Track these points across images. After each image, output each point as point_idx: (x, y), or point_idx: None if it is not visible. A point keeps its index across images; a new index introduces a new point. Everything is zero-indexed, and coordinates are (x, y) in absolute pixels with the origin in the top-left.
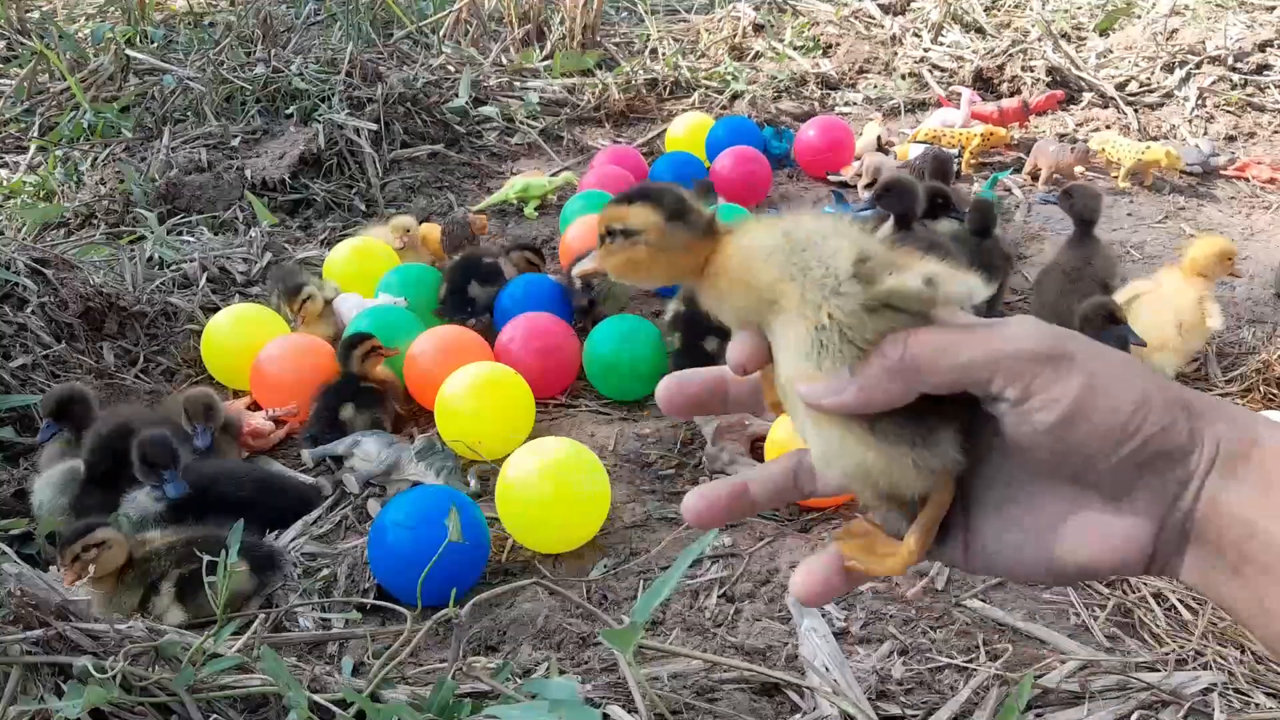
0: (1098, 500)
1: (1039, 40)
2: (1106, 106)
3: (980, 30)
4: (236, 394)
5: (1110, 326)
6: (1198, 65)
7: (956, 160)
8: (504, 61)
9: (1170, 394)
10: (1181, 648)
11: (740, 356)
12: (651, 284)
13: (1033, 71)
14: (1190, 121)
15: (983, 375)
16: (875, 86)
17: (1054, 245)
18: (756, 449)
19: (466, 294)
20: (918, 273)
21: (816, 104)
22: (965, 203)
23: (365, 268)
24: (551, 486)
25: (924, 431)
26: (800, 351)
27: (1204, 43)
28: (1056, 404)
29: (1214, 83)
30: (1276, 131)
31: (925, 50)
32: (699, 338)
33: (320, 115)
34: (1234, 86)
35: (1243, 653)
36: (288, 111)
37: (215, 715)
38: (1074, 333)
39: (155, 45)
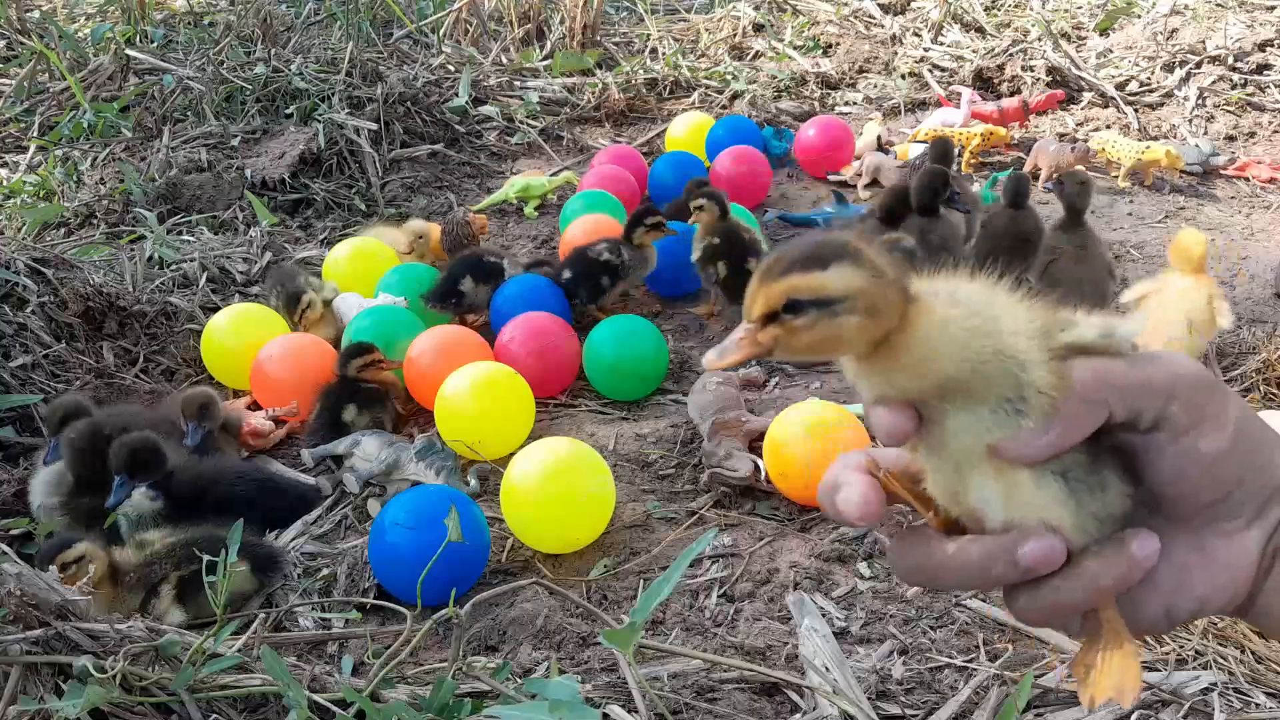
0: (1214, 535)
1: (1039, 40)
2: (1106, 106)
3: (980, 30)
4: (236, 394)
5: None
6: (1198, 65)
7: (956, 160)
8: (504, 61)
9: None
10: (1181, 647)
11: (895, 430)
12: (837, 356)
13: (1033, 71)
14: (1190, 121)
15: (1162, 396)
16: (875, 86)
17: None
18: (755, 447)
19: (458, 286)
20: (1091, 324)
21: (816, 104)
22: (968, 198)
23: (365, 267)
24: (557, 487)
25: (1099, 480)
26: (992, 424)
27: (1204, 42)
28: (1224, 430)
29: (1214, 82)
30: (1276, 131)
31: (925, 50)
32: (743, 260)
33: (320, 115)
34: (1234, 86)
35: (1243, 653)
36: (288, 111)
37: (215, 715)
38: None
39: (155, 45)
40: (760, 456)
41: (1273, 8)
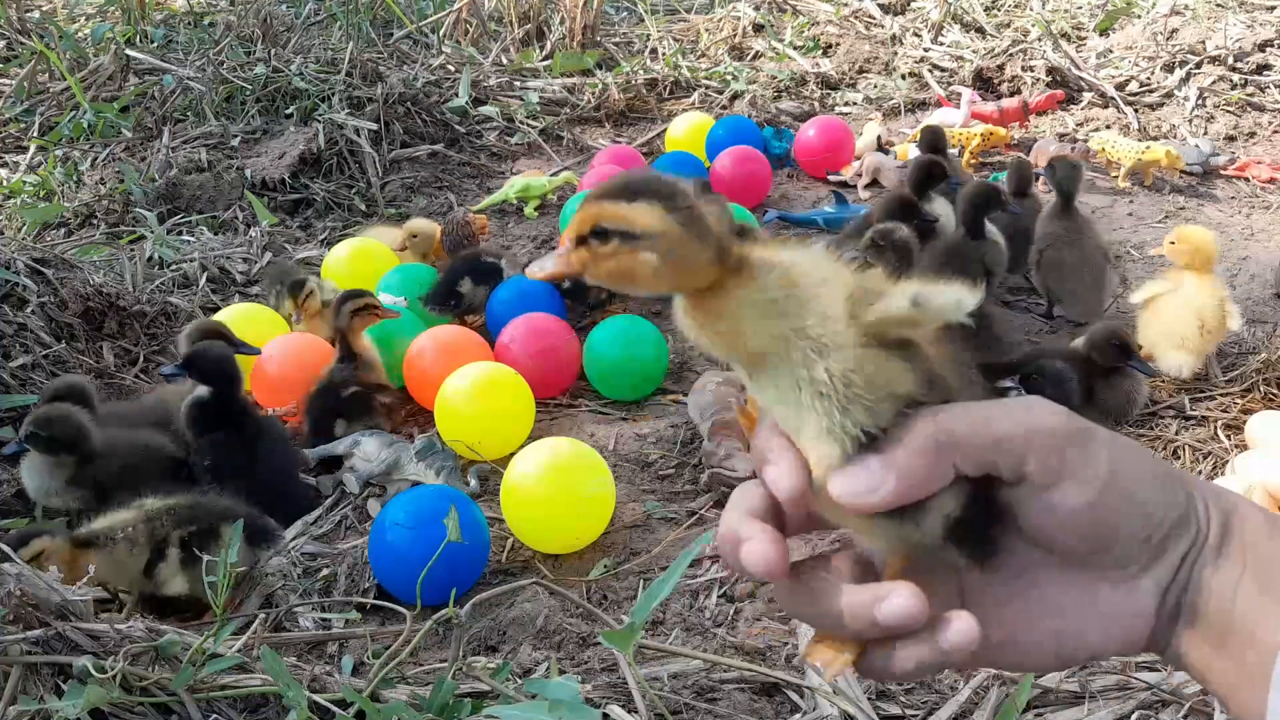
0: (1105, 583)
1: (1039, 40)
2: (1106, 106)
3: (980, 30)
4: None
5: (1122, 358)
6: (1198, 65)
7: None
8: (504, 61)
9: (1171, 470)
10: None
11: (790, 488)
12: (640, 294)
13: (1033, 71)
14: (1190, 121)
15: (1016, 453)
16: (875, 86)
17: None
18: None
19: (456, 288)
20: (900, 293)
21: (816, 104)
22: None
23: (365, 268)
24: (557, 487)
25: (917, 511)
26: (815, 430)
27: (1204, 42)
28: (1088, 484)
29: (1214, 82)
30: (1276, 131)
31: (925, 50)
32: None
33: (320, 115)
34: (1234, 86)
35: None
36: (288, 111)
37: (215, 715)
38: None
39: (155, 45)
40: None
41: (1273, 8)
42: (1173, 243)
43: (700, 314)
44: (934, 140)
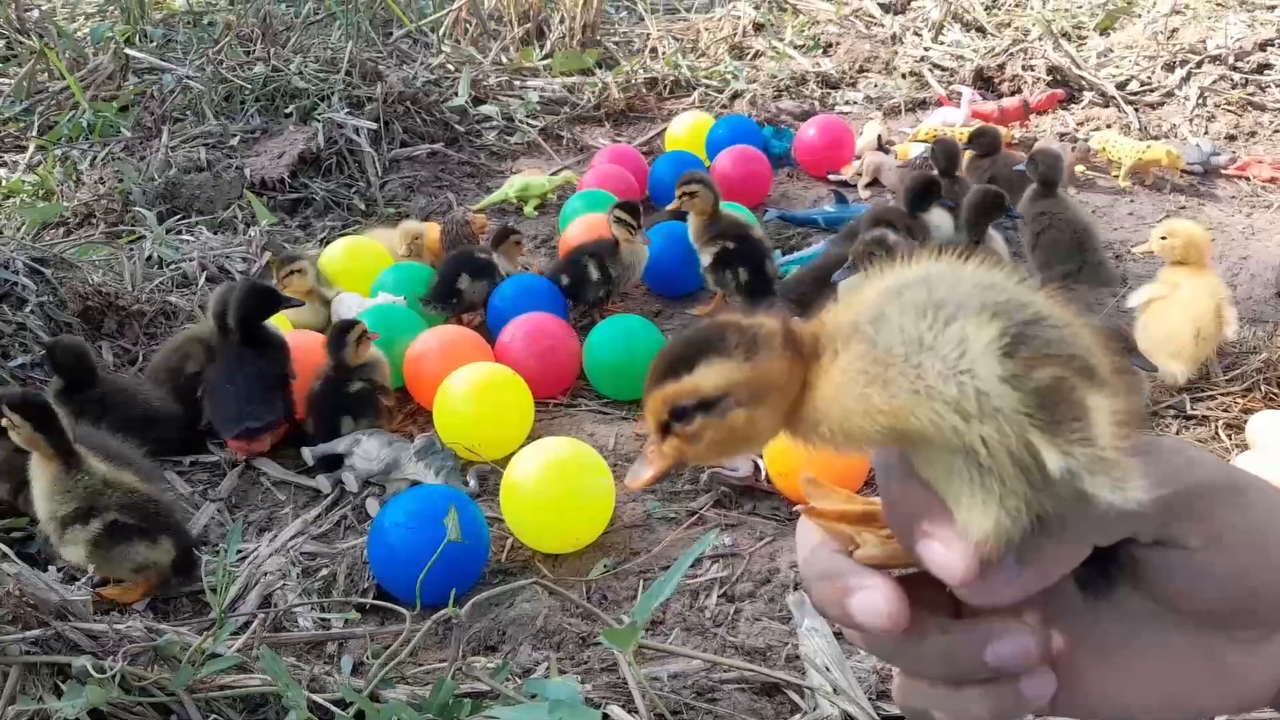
0: (1233, 645)
1: (1039, 39)
2: (1107, 105)
3: (981, 29)
4: None
5: (1123, 355)
6: (1198, 64)
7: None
8: (504, 60)
9: None
10: None
11: (964, 572)
12: (754, 451)
13: (1033, 70)
14: (1191, 120)
15: (1160, 519)
16: (875, 85)
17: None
18: None
19: (455, 285)
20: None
21: (817, 103)
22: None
23: (359, 266)
24: (557, 487)
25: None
26: (956, 483)
27: (1204, 42)
28: (1240, 549)
29: (1215, 82)
30: (1277, 131)
31: (926, 49)
32: (760, 263)
33: (320, 114)
34: (1235, 86)
35: None
36: (287, 111)
37: (214, 715)
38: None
39: (154, 44)
40: (760, 456)
41: (1273, 7)
42: (1163, 238)
43: (800, 425)
44: (948, 161)
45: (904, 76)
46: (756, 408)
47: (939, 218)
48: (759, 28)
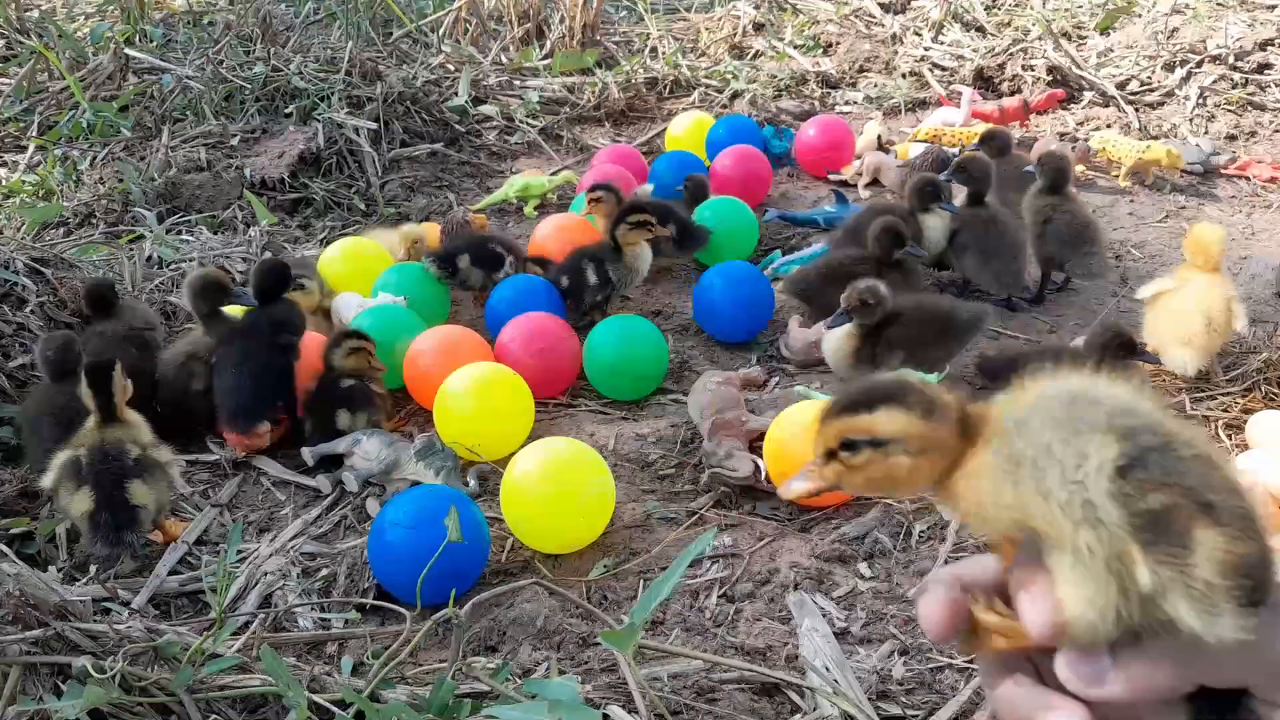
0: None
1: (1039, 39)
2: (1107, 105)
3: (981, 29)
4: None
5: (1125, 355)
6: (1198, 64)
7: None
8: (503, 60)
9: None
10: None
11: (1044, 628)
12: (899, 496)
13: (1033, 70)
14: (1191, 120)
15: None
16: (876, 85)
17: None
18: (755, 447)
19: (455, 260)
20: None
21: (817, 103)
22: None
23: (358, 267)
24: (557, 487)
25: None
26: (1075, 585)
27: (1205, 41)
28: None
29: (1215, 81)
30: (1277, 130)
31: (926, 49)
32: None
33: (320, 114)
34: (1235, 85)
35: None
36: (287, 111)
37: (215, 715)
38: None
39: (154, 44)
40: (760, 456)
41: (1273, 7)
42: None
43: (945, 492)
44: (979, 181)
45: (904, 76)
46: (918, 459)
47: (935, 220)
48: (759, 27)
